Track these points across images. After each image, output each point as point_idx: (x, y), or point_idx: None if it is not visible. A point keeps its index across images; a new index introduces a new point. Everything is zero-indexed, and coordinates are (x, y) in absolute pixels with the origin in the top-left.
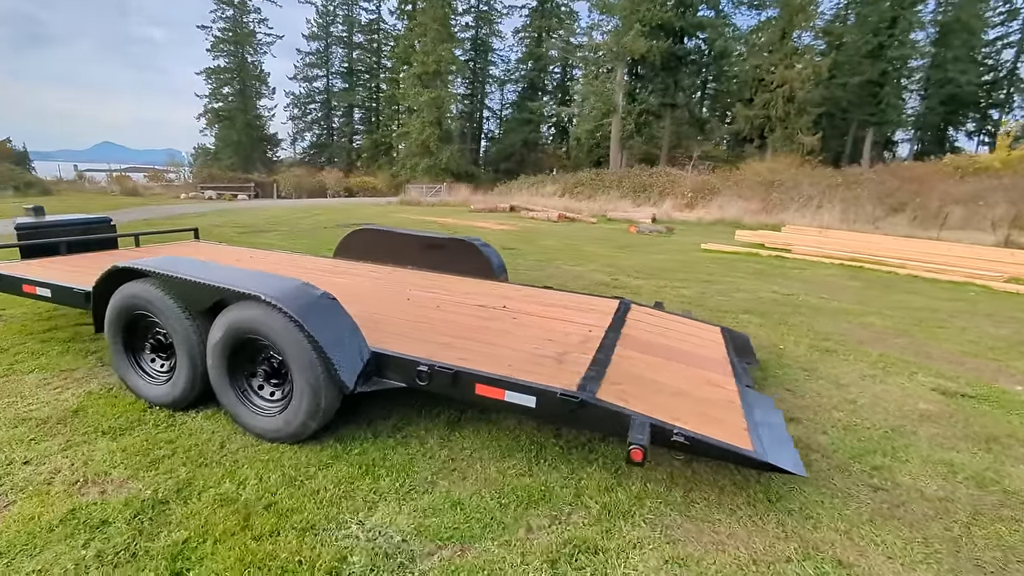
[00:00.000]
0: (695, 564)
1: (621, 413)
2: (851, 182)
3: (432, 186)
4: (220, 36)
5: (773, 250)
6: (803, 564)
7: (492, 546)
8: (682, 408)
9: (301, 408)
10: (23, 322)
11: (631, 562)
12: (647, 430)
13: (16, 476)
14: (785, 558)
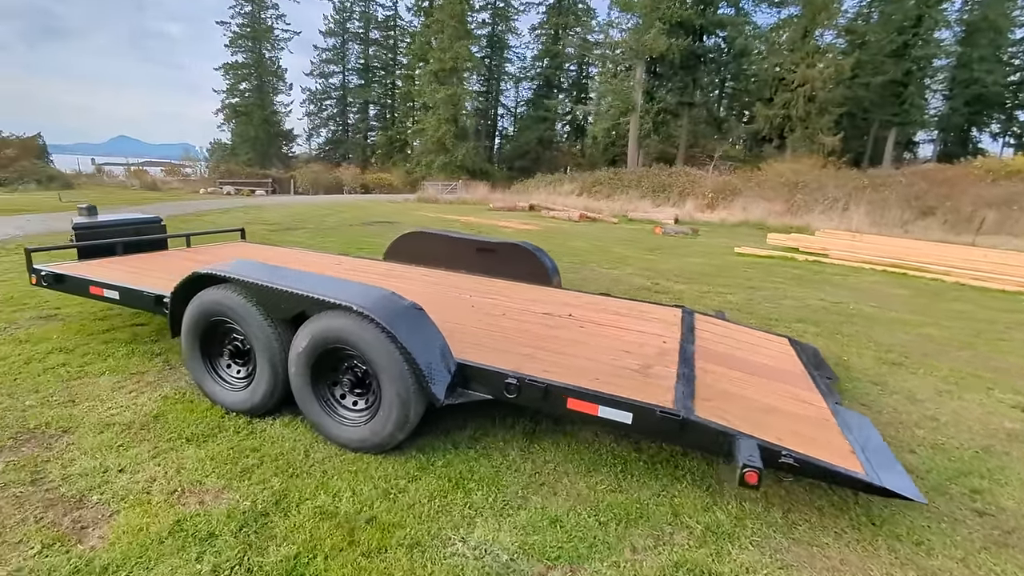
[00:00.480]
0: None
1: (725, 433)
2: (878, 184)
3: (448, 183)
4: (238, 32)
5: (808, 255)
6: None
7: (602, 567)
8: (777, 426)
9: (390, 419)
10: (80, 321)
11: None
12: (757, 451)
13: (115, 484)
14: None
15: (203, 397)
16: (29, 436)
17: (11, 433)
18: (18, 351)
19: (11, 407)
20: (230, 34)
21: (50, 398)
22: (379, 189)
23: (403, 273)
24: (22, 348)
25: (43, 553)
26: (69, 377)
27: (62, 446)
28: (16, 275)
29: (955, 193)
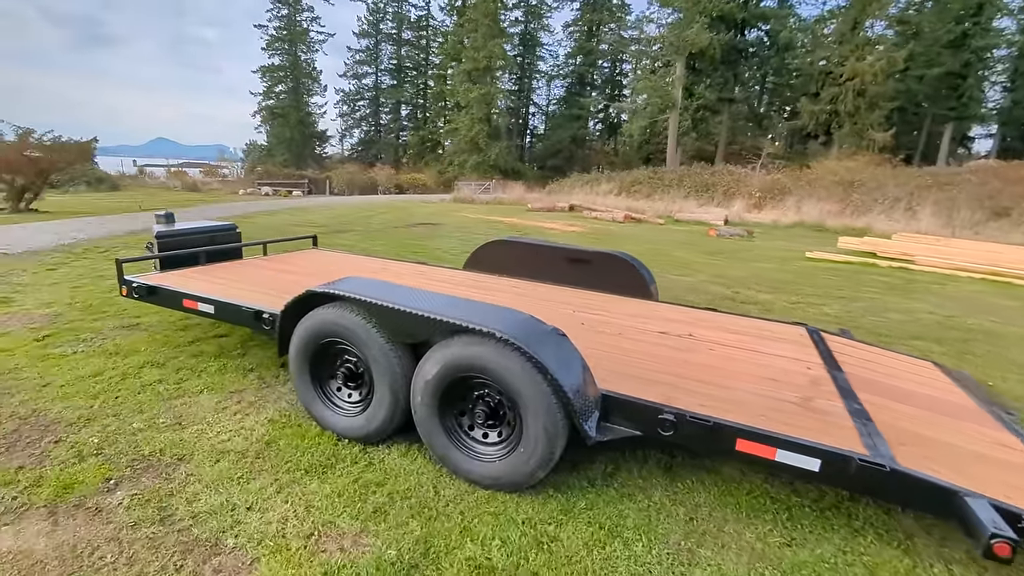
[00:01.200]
0: None
1: (947, 489)
2: (943, 183)
3: (481, 183)
4: (275, 35)
5: (890, 260)
6: None
7: None
8: (993, 478)
9: (533, 456)
10: (163, 332)
11: None
12: (997, 515)
13: (247, 525)
14: None
15: (309, 420)
16: (146, 464)
17: (127, 460)
18: (111, 365)
19: (120, 429)
20: (267, 37)
21: (156, 420)
22: (413, 189)
23: (491, 284)
24: (114, 362)
25: None
26: (169, 395)
27: (182, 477)
28: (89, 281)
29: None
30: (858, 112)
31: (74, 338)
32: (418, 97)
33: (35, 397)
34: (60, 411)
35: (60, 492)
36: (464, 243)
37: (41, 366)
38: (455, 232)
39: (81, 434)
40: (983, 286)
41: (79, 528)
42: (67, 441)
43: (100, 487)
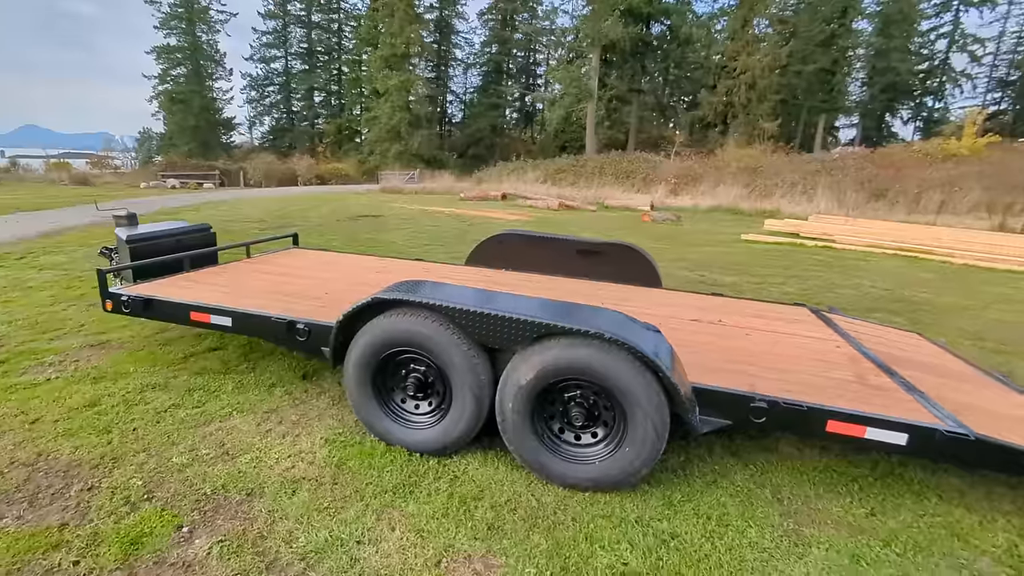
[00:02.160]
0: None
1: None
2: (830, 169)
3: (405, 173)
4: (170, 12)
5: (814, 239)
6: None
7: None
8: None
9: (641, 454)
10: (143, 348)
11: None
12: None
13: (368, 561)
14: None
15: (366, 436)
16: (214, 505)
17: (190, 503)
18: (104, 391)
19: (161, 467)
20: (160, 15)
21: (197, 452)
22: (335, 180)
23: (503, 279)
24: (106, 388)
25: None
26: (196, 422)
27: (263, 515)
28: (20, 294)
29: (901, 176)
30: (750, 104)
31: (36, 362)
32: (332, 83)
33: (30, 437)
34: (73, 452)
35: (130, 549)
36: (417, 235)
37: (15, 399)
38: (403, 224)
39: (116, 477)
40: (898, 261)
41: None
42: (104, 487)
43: (175, 538)
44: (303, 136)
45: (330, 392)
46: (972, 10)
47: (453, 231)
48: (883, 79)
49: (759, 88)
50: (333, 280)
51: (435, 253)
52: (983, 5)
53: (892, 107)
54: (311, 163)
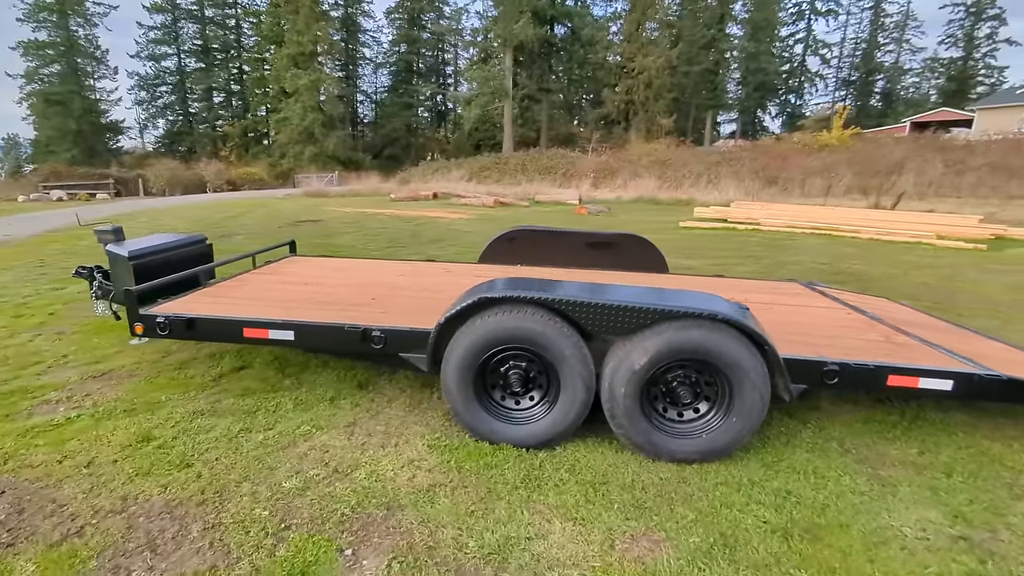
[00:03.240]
0: None
1: None
2: (728, 160)
3: (323, 175)
4: (37, 3)
5: (741, 223)
6: None
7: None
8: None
9: (748, 422)
10: (156, 373)
11: None
12: None
13: (551, 555)
14: None
15: (464, 436)
16: (360, 523)
17: (334, 525)
18: (152, 425)
19: (276, 493)
20: (24, 5)
21: (305, 473)
22: (248, 185)
23: (527, 274)
24: (149, 420)
25: None
26: (278, 444)
27: (416, 526)
28: None
29: (787, 165)
30: (648, 101)
31: (38, 401)
32: (233, 82)
33: (98, 483)
34: (164, 491)
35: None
36: (372, 238)
37: (44, 443)
38: (349, 228)
39: (234, 510)
40: (818, 239)
41: None
42: (229, 523)
43: (342, 562)
44: (204, 139)
45: (399, 399)
46: (820, 19)
47: (405, 232)
48: (755, 79)
49: (655, 87)
50: (363, 286)
51: (401, 253)
52: (828, 15)
53: (763, 104)
54: (220, 168)
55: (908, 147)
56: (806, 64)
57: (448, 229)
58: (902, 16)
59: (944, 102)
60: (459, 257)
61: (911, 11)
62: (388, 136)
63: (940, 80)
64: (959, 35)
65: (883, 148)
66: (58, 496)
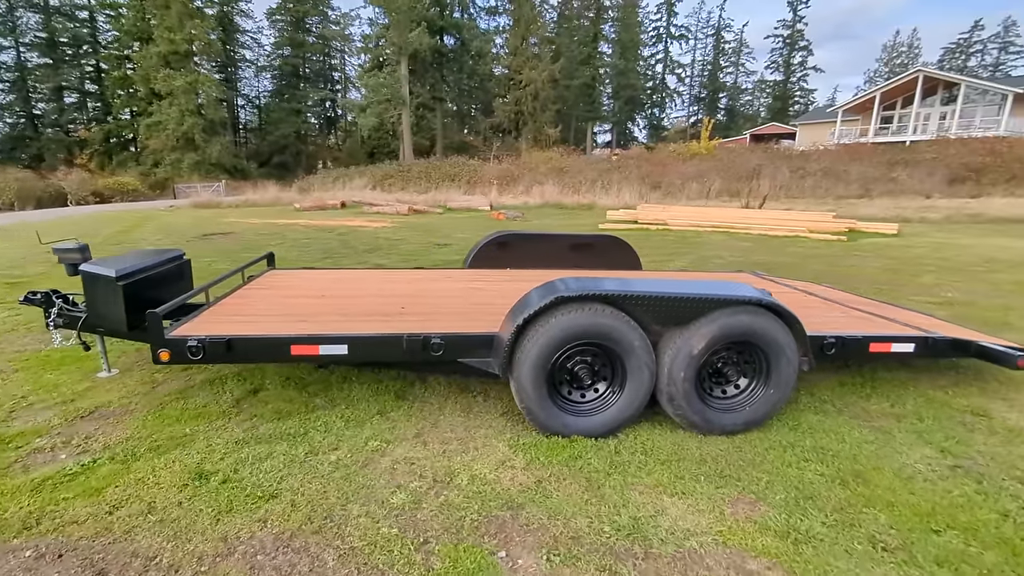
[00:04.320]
0: None
1: (983, 345)
2: (617, 167)
3: (208, 184)
4: None
5: (652, 224)
6: None
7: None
8: (961, 331)
9: (784, 393)
10: (165, 405)
11: None
12: (1008, 348)
13: (684, 526)
14: None
15: (536, 433)
16: (495, 527)
17: (470, 532)
18: (194, 461)
19: (390, 512)
20: None
21: (407, 488)
22: (120, 196)
23: (516, 276)
24: (188, 456)
25: None
26: (356, 463)
27: (548, 520)
28: None
29: (667, 171)
30: (536, 112)
31: (24, 451)
32: (89, 82)
33: (180, 530)
34: (281, 524)
35: None
36: (299, 250)
37: (72, 496)
38: (271, 240)
39: (356, 533)
40: (721, 236)
41: None
42: (360, 547)
43: (502, 564)
44: (55, 145)
45: (447, 406)
46: (675, 42)
47: (334, 242)
48: (625, 93)
49: (541, 99)
50: (378, 297)
51: (343, 264)
52: (681, 39)
53: (632, 116)
54: (84, 178)
55: (761, 155)
56: (666, 81)
57: (377, 238)
58: (737, 43)
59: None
60: (404, 265)
61: (744, 39)
62: (276, 143)
63: (768, 99)
64: (780, 61)
65: (742, 156)
66: (138, 549)
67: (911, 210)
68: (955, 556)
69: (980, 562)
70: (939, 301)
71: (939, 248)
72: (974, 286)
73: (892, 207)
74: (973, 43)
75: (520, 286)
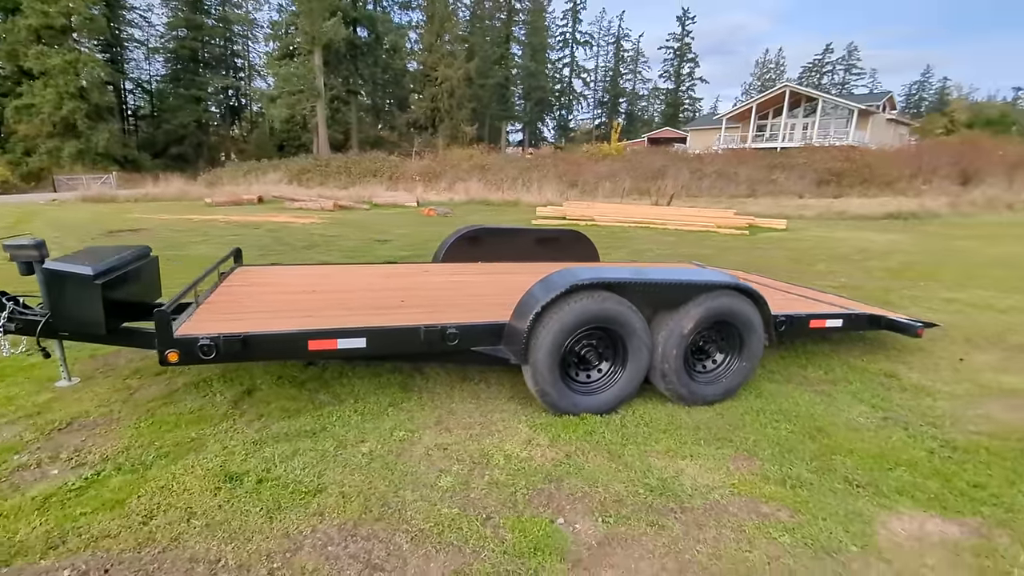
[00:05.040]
0: None
1: (891, 318)
2: (536, 165)
3: (97, 176)
4: None
5: (580, 220)
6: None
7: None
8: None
9: (753, 364)
10: (152, 413)
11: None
12: (910, 320)
13: (707, 481)
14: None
15: (547, 415)
16: (543, 497)
17: (522, 502)
18: (219, 464)
19: (443, 494)
20: None
21: (450, 471)
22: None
23: (498, 268)
24: (208, 461)
25: None
26: (389, 453)
27: (592, 487)
28: None
29: (582, 171)
30: (452, 110)
31: (26, 465)
32: None
33: (232, 532)
34: (321, 519)
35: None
36: (230, 247)
37: (91, 511)
38: (191, 237)
39: (419, 517)
40: (646, 231)
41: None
42: (428, 529)
43: (564, 529)
44: None
45: (455, 395)
46: (580, 47)
47: (267, 239)
48: (536, 95)
49: (457, 96)
50: (369, 291)
51: (284, 261)
52: (585, 44)
53: (542, 117)
54: None
55: (664, 158)
56: (573, 85)
57: (311, 235)
58: (635, 52)
59: (666, 122)
60: (350, 261)
61: (641, 49)
62: (173, 132)
63: (662, 105)
64: (671, 71)
65: (648, 158)
66: (195, 554)
67: (790, 208)
68: (908, 486)
69: (926, 488)
70: (836, 285)
71: (823, 241)
72: (856, 272)
73: (774, 205)
74: (825, 64)
75: (506, 278)
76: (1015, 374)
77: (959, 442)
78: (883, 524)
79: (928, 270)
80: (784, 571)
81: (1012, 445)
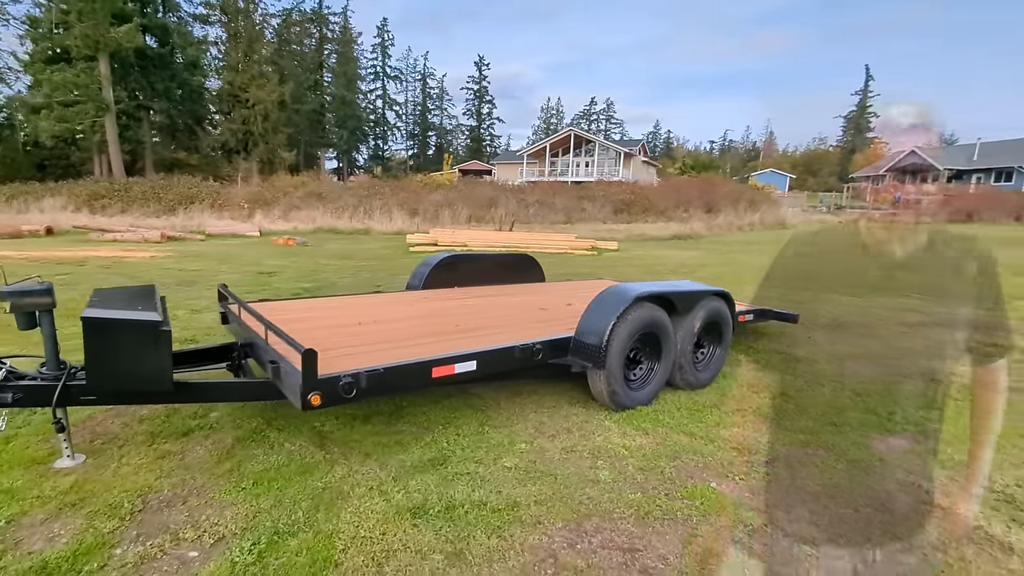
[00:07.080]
0: None
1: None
2: (376, 194)
3: None
4: None
5: (453, 245)
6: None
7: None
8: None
9: (725, 353)
10: (161, 453)
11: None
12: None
13: (741, 435)
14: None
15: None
16: (680, 472)
17: (668, 480)
18: (434, 496)
19: (605, 483)
20: None
21: (593, 470)
22: None
23: (483, 293)
24: (418, 498)
25: None
26: (479, 461)
27: (697, 456)
28: None
29: (420, 199)
30: (267, 134)
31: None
32: None
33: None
34: (560, 524)
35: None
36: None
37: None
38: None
39: (599, 508)
40: None
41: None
42: (609, 511)
43: (719, 487)
44: None
45: (520, 411)
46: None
47: (116, 276)
48: (351, 123)
49: (272, 120)
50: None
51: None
52: (396, 79)
53: (357, 146)
54: None
55: (491, 188)
56: (386, 116)
57: (167, 270)
58: (440, 89)
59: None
60: (248, 297)
61: (445, 87)
62: None
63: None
64: (472, 110)
65: (478, 188)
66: None
67: (602, 231)
68: (857, 422)
69: (857, 420)
70: None
71: (651, 258)
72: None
73: (588, 230)
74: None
75: (507, 300)
76: (843, 344)
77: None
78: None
79: (735, 276)
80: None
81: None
